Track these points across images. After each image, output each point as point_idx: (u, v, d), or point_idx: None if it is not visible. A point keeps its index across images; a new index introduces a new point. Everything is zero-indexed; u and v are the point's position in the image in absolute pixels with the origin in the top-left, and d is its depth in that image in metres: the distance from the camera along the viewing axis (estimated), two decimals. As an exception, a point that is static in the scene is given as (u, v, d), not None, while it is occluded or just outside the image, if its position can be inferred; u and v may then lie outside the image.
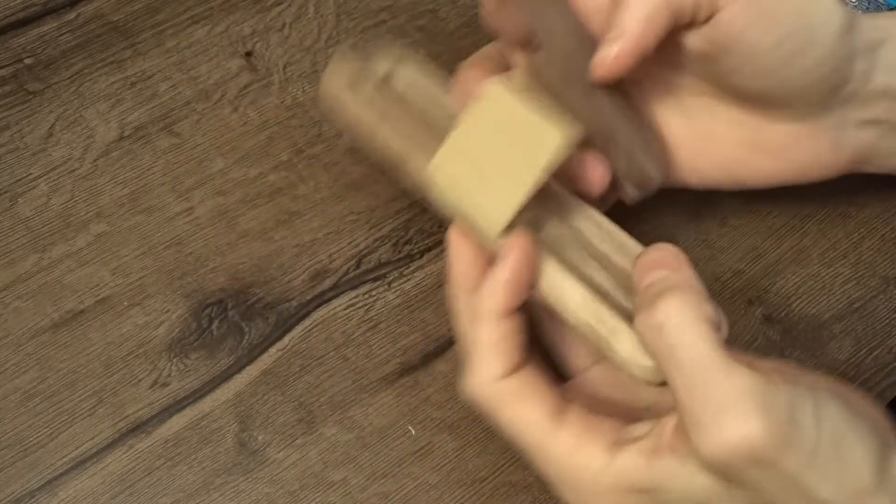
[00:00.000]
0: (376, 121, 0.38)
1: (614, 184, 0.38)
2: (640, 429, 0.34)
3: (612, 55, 0.34)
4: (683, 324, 0.30)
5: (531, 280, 0.35)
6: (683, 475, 0.31)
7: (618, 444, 0.33)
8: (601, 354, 0.37)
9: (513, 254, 0.34)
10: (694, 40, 0.36)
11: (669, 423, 0.32)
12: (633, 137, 0.38)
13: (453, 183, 0.35)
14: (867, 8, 0.53)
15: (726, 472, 0.30)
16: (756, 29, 0.35)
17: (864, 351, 0.45)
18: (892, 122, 0.38)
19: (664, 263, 0.33)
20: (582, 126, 0.35)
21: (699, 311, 0.31)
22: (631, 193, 0.38)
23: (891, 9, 0.54)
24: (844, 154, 0.39)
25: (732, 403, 0.29)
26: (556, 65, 0.37)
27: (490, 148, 0.35)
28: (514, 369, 0.35)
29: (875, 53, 0.37)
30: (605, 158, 0.37)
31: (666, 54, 0.36)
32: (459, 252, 0.37)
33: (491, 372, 0.35)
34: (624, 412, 0.36)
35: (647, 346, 0.32)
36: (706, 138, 0.40)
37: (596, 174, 0.37)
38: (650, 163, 0.38)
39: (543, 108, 0.34)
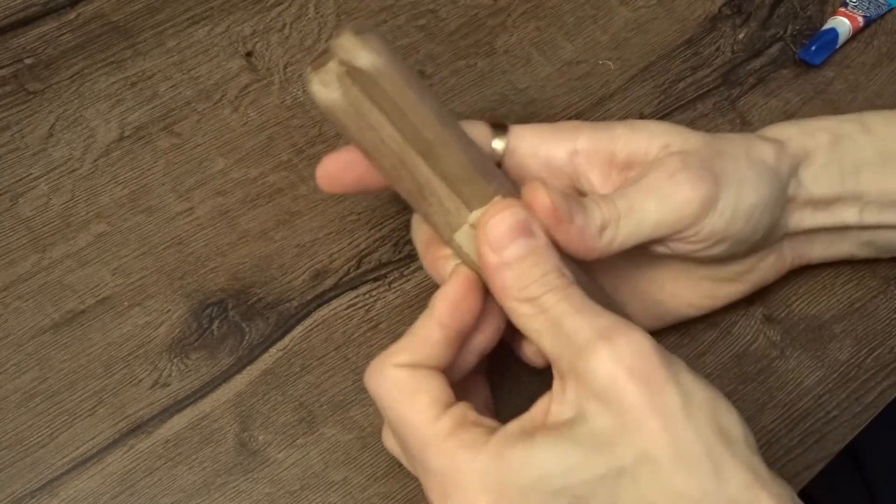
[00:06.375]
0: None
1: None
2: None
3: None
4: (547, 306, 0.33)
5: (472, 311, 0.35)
6: (579, 414, 0.32)
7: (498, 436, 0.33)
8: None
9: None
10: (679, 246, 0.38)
11: (539, 408, 0.33)
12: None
13: None
14: (868, 8, 0.53)
15: (612, 393, 0.31)
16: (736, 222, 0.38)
17: (865, 351, 0.45)
18: (817, 228, 0.42)
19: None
20: None
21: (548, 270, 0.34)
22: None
23: (891, 8, 0.54)
24: (788, 260, 0.43)
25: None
26: None
27: None
28: (420, 367, 0.34)
29: (797, 175, 0.40)
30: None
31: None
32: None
33: (398, 357, 0.34)
34: None
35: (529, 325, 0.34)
36: (673, 298, 0.43)
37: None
38: None
39: None
